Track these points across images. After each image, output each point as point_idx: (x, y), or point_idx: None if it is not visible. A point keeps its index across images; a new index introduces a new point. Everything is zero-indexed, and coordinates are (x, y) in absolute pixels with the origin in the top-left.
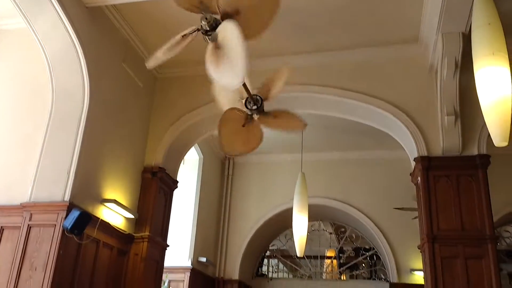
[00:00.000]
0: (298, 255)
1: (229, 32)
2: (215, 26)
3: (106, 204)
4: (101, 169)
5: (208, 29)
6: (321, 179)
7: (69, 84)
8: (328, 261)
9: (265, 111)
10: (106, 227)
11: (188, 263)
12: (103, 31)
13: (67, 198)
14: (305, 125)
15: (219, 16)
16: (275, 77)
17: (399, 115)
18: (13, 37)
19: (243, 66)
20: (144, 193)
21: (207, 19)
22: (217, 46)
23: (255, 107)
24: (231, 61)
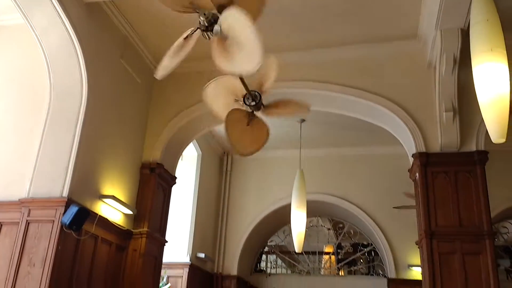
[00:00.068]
0: (296, 251)
1: (234, 19)
2: (213, 21)
3: (104, 200)
4: (100, 165)
5: (207, 25)
6: (319, 175)
7: (67, 80)
8: (326, 257)
9: (265, 105)
10: (104, 223)
11: (186, 259)
12: (101, 27)
13: (65, 194)
14: (308, 108)
15: (215, 10)
16: (266, 70)
17: (398, 111)
18: (11, 33)
19: (258, 47)
20: (142, 189)
21: (205, 15)
22: (223, 38)
23: (254, 103)
24: (244, 47)
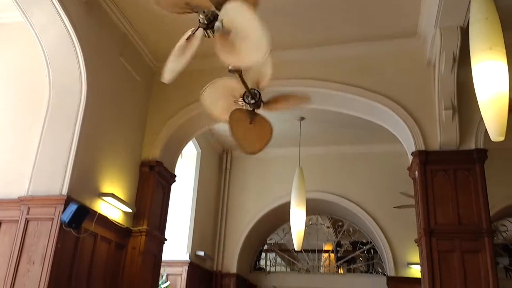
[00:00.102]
0: (295, 249)
1: (235, 12)
2: (213, 18)
3: (103, 198)
4: (99, 163)
5: (207, 23)
6: (318, 173)
7: (66, 78)
8: (325, 255)
9: (265, 101)
10: (104, 221)
11: (186, 257)
12: (101, 25)
13: (64, 192)
14: (308, 98)
15: (213, 7)
16: (261, 67)
17: (397, 109)
18: (10, 31)
19: (263, 35)
20: (142, 187)
21: (204, 12)
22: (225, 33)
23: (253, 101)
24: (249, 37)
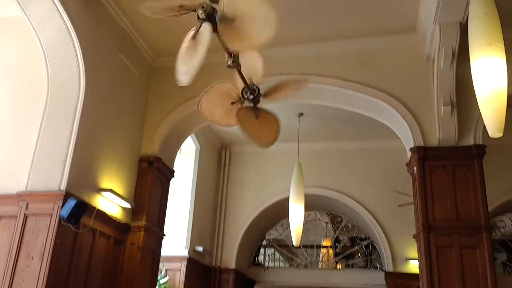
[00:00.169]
0: (294, 245)
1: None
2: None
3: (102, 193)
4: (97, 159)
5: (207, 18)
6: (317, 169)
7: (65, 73)
8: (324, 251)
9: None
10: (102, 216)
11: (185, 252)
12: (99, 20)
13: (63, 187)
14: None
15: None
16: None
17: (396, 105)
18: (8, 26)
19: (270, 11)
20: (140, 183)
21: (203, 7)
22: (229, 21)
23: (252, 97)
24: (256, 17)
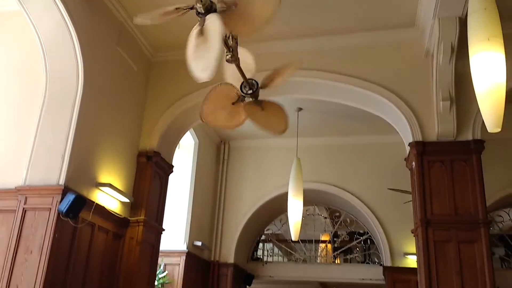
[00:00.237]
0: (293, 239)
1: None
2: (209, 9)
3: (101, 188)
4: (96, 153)
5: (202, 12)
6: (316, 163)
7: (63, 67)
8: (322, 245)
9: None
10: (101, 211)
11: (183, 247)
12: (97, 13)
13: (62, 181)
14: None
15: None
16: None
17: (395, 100)
18: (6, 19)
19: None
20: (139, 177)
21: (202, 1)
22: (231, 8)
23: (250, 92)
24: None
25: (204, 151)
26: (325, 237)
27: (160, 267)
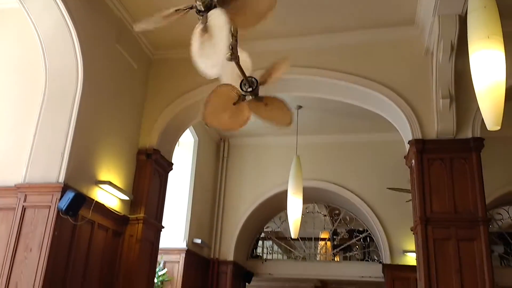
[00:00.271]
0: (292, 237)
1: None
2: (210, 7)
3: (100, 185)
4: (96, 151)
5: (202, 10)
6: (316, 161)
7: (62, 64)
8: (322, 243)
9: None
10: (101, 208)
11: (183, 245)
12: (97, 11)
13: (61, 179)
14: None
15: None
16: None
17: (394, 98)
18: (5, 17)
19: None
20: (139, 175)
21: None
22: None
23: (250, 89)
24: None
25: (203, 149)
26: (324, 235)
27: (159, 264)
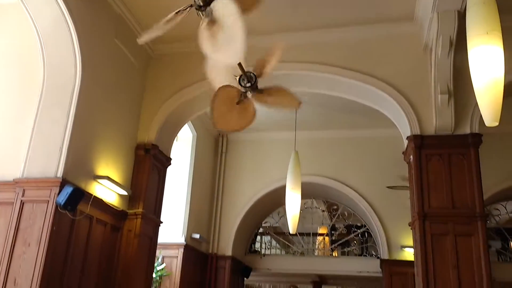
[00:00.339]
0: (290, 232)
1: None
2: (209, 1)
3: (99, 180)
4: (94, 146)
5: (201, 5)
6: (314, 157)
7: (61, 59)
8: (320, 238)
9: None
10: (99, 203)
11: (181, 240)
12: (95, 6)
13: (59, 174)
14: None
15: None
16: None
17: (393, 93)
18: (4, 12)
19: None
20: (137, 170)
21: None
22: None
23: (249, 85)
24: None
25: (202, 144)
26: (322, 230)
27: (158, 259)
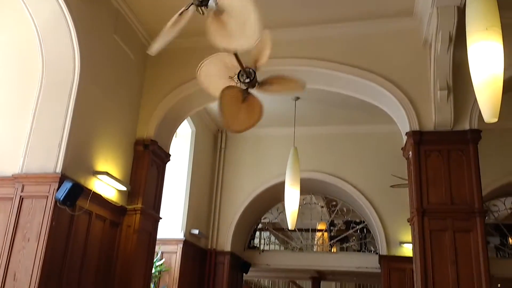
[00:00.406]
0: (289, 228)
1: None
2: None
3: (98, 176)
4: (93, 141)
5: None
6: (313, 153)
7: (59, 55)
8: (319, 234)
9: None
10: (98, 199)
11: (180, 235)
12: (94, 2)
13: (59, 169)
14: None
15: None
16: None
17: (392, 89)
18: (2, 7)
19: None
20: (136, 166)
21: None
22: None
23: (248, 80)
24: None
25: (201, 140)
26: (321, 226)
27: (157, 255)
